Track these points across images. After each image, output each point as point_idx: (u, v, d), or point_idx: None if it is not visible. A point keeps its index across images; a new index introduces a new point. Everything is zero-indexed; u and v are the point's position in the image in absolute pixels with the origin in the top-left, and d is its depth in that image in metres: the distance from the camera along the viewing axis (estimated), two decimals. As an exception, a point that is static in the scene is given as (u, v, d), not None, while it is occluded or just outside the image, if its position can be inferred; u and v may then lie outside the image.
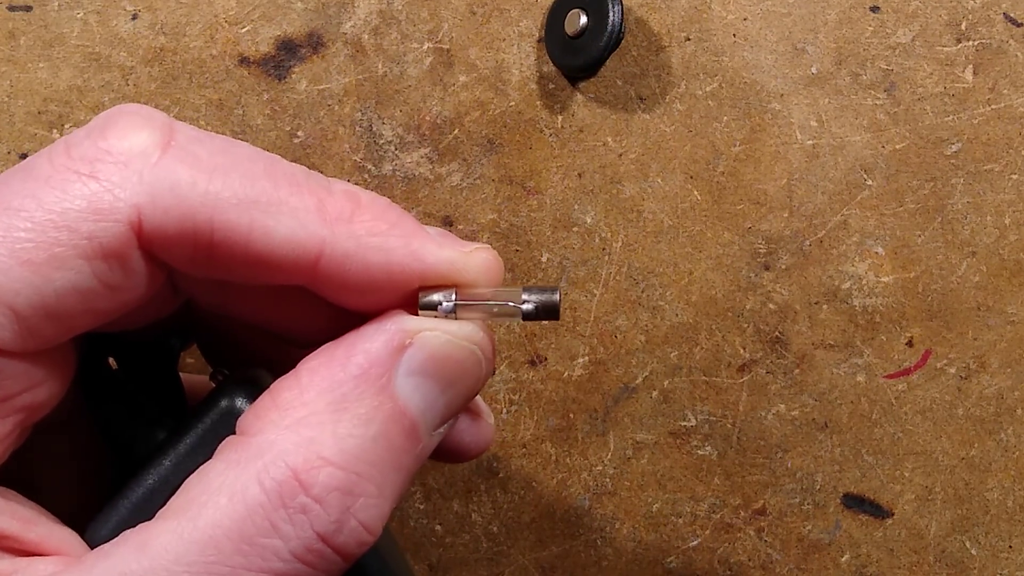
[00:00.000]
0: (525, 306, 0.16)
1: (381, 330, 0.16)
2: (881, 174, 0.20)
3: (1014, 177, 0.20)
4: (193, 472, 0.16)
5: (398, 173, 0.21)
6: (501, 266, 0.16)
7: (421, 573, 0.21)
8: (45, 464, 0.18)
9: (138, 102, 0.20)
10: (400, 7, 0.20)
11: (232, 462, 0.15)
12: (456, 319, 0.16)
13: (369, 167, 0.21)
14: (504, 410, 0.21)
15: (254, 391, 0.16)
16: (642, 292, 0.21)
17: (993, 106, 0.20)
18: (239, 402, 0.17)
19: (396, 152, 0.21)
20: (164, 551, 0.15)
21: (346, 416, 0.16)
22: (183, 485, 0.16)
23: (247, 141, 0.16)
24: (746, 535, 0.20)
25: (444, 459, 0.18)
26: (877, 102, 0.20)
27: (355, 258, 0.16)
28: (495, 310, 0.16)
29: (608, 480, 0.21)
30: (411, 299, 0.16)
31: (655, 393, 0.21)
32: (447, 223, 0.21)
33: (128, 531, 0.15)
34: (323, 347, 0.16)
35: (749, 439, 0.21)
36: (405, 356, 0.16)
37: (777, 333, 0.21)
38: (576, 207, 0.21)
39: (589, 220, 0.21)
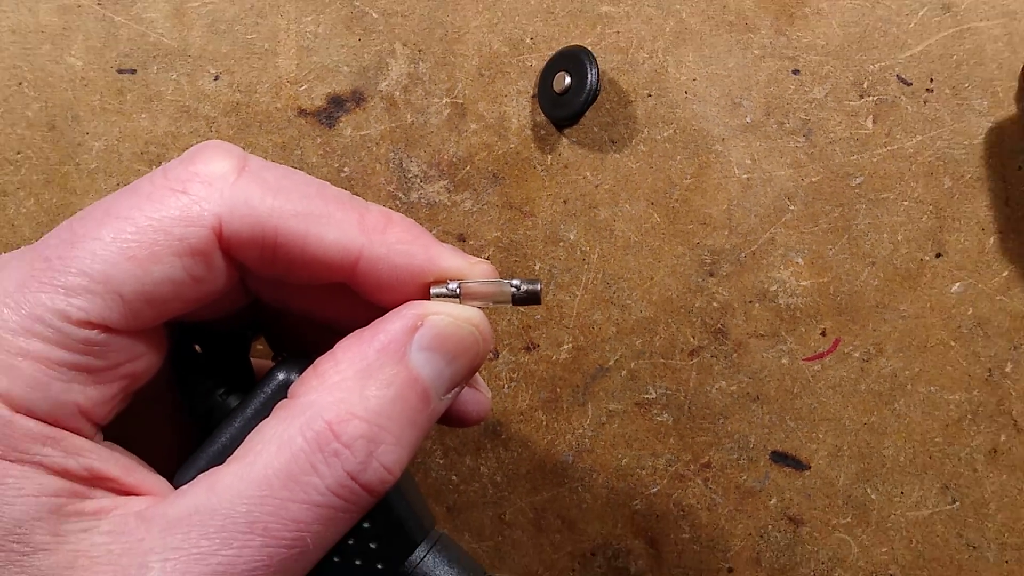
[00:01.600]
0: (514, 292, 0.18)
1: (399, 315, 0.18)
2: (801, 201, 0.26)
3: (904, 203, 0.25)
4: (254, 429, 0.18)
5: (422, 200, 0.26)
6: (497, 275, 0.19)
7: (440, 514, 0.26)
8: (142, 425, 0.20)
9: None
10: (424, 70, 0.25)
11: (281, 419, 0.17)
12: (459, 303, 0.18)
13: (400, 195, 0.26)
14: (505, 386, 0.26)
15: (303, 366, 0.19)
16: (614, 293, 0.26)
17: (888, 148, 0.25)
18: (291, 375, 0.19)
19: (421, 184, 0.26)
20: (228, 489, 0.17)
21: (371, 382, 0.18)
22: (246, 439, 0.18)
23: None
24: (695, 484, 0.25)
25: (454, 424, 0.21)
26: (797, 145, 0.25)
27: (385, 261, 0.18)
28: (490, 294, 0.19)
29: (587, 441, 0.26)
30: (426, 295, 0.18)
31: (624, 372, 0.26)
32: (461, 239, 0.25)
33: (202, 475, 0.17)
34: (355, 331, 0.18)
35: (697, 408, 0.26)
36: (417, 335, 0.18)
37: (719, 325, 0.26)
38: (562, 227, 0.26)
39: (572, 237, 0.26)
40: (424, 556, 0.20)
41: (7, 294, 0.17)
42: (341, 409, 0.17)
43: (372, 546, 0.20)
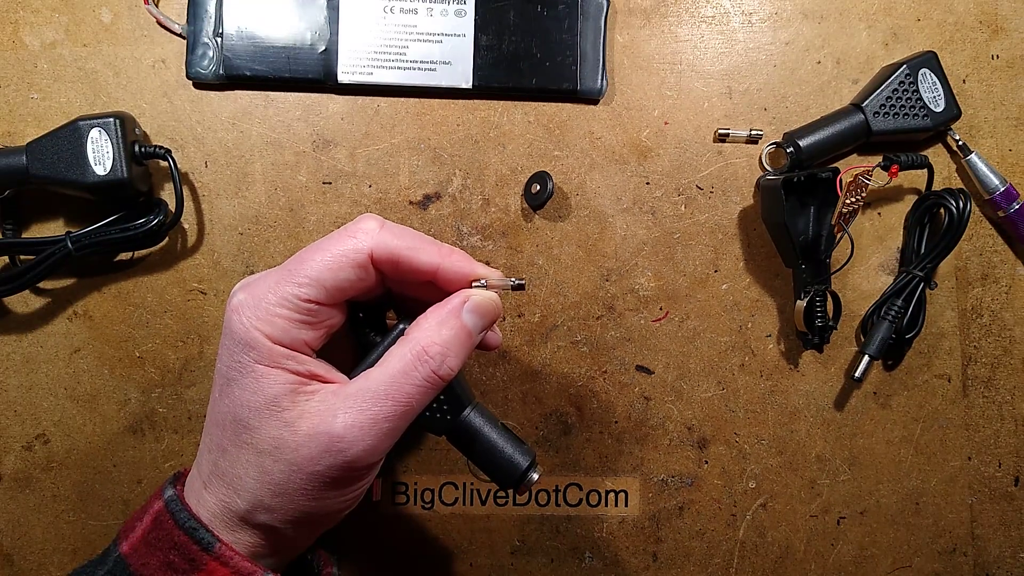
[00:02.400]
0: (512, 285, 0.32)
1: (457, 295, 0.30)
2: (650, 245, 0.51)
3: (699, 246, 0.52)
4: (387, 351, 0.29)
5: (468, 245, 0.51)
6: (504, 277, 0.32)
7: (477, 394, 0.52)
8: (336, 351, 0.32)
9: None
10: (469, 183, 0.51)
11: (400, 344, 0.29)
12: (486, 290, 0.30)
13: (457, 243, 0.51)
14: (509, 332, 0.52)
15: (411, 321, 0.30)
16: (559, 289, 0.52)
17: (691, 219, 0.51)
18: (405, 325, 0.31)
19: (468, 237, 0.51)
20: (375, 379, 0.28)
21: (443, 327, 0.29)
22: (384, 356, 0.29)
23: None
24: (599, 380, 0.51)
25: (483, 349, 0.33)
26: (648, 218, 0.51)
27: (451, 271, 0.30)
28: (501, 286, 0.31)
29: (547, 360, 0.50)
30: (469, 287, 0.30)
31: (565, 328, 0.51)
32: (487, 263, 0.51)
33: (363, 372, 0.28)
34: (436, 304, 0.30)
35: (600, 345, 0.51)
36: (466, 304, 0.29)
37: (611, 305, 0.52)
38: (535, 258, 0.52)
39: (540, 262, 0.52)
40: (470, 412, 0.34)
41: (269, 288, 0.28)
42: (428, 340, 0.29)
43: (444, 407, 0.33)
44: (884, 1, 0.51)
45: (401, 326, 0.31)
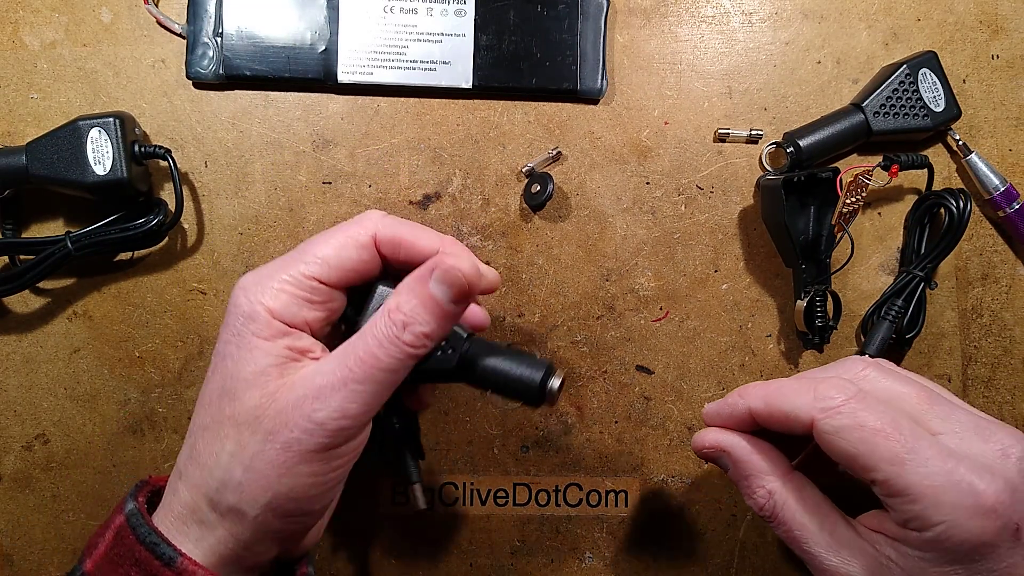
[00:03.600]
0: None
1: (428, 263, 0.30)
2: (650, 245, 0.51)
3: (699, 246, 0.52)
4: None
5: (469, 246, 0.51)
6: (499, 279, 0.37)
7: (476, 394, 0.52)
8: (332, 334, 0.34)
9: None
10: (469, 183, 0.51)
11: (379, 312, 0.30)
12: (458, 260, 0.30)
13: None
14: (509, 332, 0.52)
15: (394, 287, 0.32)
16: (559, 289, 0.52)
17: (691, 219, 0.51)
18: (389, 290, 0.33)
19: (468, 237, 0.51)
20: (345, 346, 0.29)
21: (411, 295, 0.30)
22: (367, 322, 0.30)
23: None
24: (598, 380, 0.51)
25: (473, 328, 0.35)
26: (648, 218, 0.52)
27: (447, 252, 0.32)
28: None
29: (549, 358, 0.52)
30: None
31: (564, 328, 0.51)
32: (487, 263, 0.52)
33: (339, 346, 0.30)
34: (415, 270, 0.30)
35: (600, 344, 0.51)
36: (434, 273, 0.30)
37: (611, 305, 0.52)
38: (535, 257, 0.52)
39: (540, 262, 0.52)
40: (469, 346, 0.33)
41: (278, 267, 0.30)
42: (396, 306, 0.30)
43: (449, 349, 0.33)
44: (884, 1, 0.51)
45: (382, 289, 0.34)
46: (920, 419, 0.29)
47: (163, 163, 0.47)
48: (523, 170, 0.46)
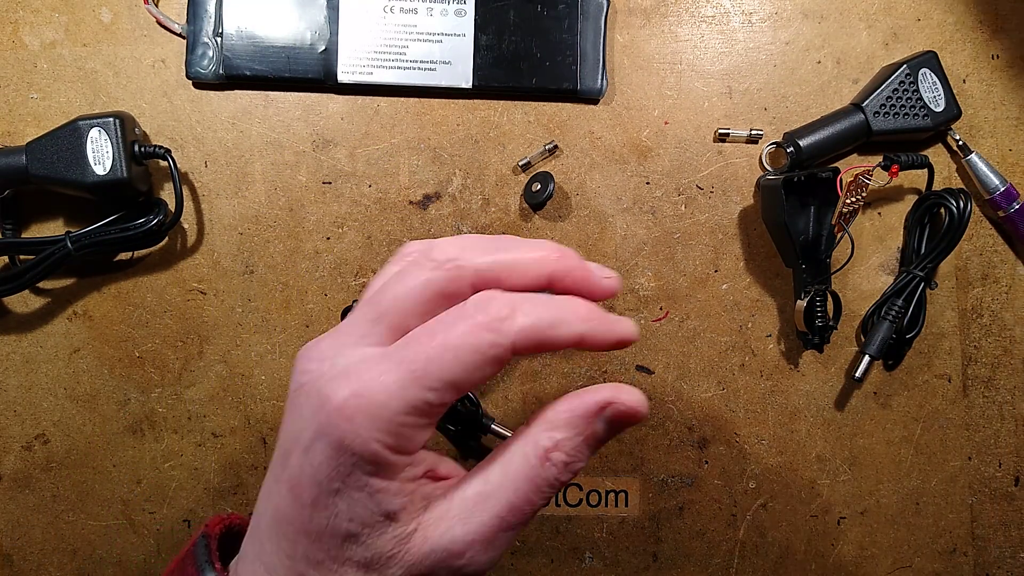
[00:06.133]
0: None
1: (595, 398, 0.26)
2: (650, 245, 0.52)
3: (699, 246, 0.52)
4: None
5: None
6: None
7: (476, 393, 0.52)
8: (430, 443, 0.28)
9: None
10: (469, 183, 0.51)
11: (519, 440, 0.26)
12: (633, 392, 0.26)
13: None
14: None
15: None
16: None
17: (691, 219, 0.52)
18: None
19: None
20: (488, 484, 0.26)
21: (574, 433, 0.26)
22: (503, 452, 0.26)
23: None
24: (599, 380, 0.52)
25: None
26: (648, 218, 0.52)
27: (596, 336, 0.26)
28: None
29: (547, 359, 0.52)
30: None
31: None
32: (487, 263, 0.52)
33: (475, 475, 0.27)
34: (568, 395, 0.26)
35: None
36: (607, 411, 0.26)
37: (612, 304, 0.52)
38: (535, 257, 0.52)
39: (540, 262, 0.52)
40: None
41: (390, 392, 0.24)
42: (552, 445, 0.26)
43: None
44: (884, 1, 0.51)
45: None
46: None
47: (163, 163, 0.47)
48: (520, 163, 0.47)
